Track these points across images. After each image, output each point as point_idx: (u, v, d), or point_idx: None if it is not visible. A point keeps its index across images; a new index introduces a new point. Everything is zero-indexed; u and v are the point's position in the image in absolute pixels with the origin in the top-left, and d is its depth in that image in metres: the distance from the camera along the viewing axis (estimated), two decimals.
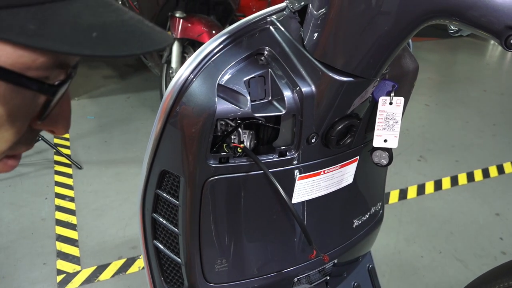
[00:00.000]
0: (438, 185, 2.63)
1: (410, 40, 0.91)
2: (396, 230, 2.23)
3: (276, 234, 0.86)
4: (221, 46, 0.73)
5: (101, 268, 1.92)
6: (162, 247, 0.89)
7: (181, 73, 0.71)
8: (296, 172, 0.80)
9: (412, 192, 2.55)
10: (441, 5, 0.57)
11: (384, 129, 0.79)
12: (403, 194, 2.52)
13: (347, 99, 0.74)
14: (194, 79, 0.71)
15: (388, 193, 2.50)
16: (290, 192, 0.82)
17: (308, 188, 0.83)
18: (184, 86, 0.71)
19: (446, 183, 2.65)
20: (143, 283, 1.89)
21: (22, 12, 0.35)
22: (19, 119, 0.42)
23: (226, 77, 0.70)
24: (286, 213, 0.83)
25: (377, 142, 0.80)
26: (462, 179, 2.70)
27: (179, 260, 0.85)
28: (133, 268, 1.94)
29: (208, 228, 0.80)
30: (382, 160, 0.82)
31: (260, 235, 0.85)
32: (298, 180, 0.81)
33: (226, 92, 0.70)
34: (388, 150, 0.81)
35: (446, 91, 4.18)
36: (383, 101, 0.78)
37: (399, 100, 0.78)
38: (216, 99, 0.68)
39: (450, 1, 0.56)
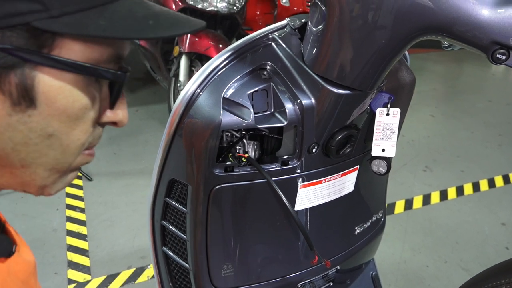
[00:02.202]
0: (443, 195, 2.65)
1: (407, 54, 0.95)
2: (402, 240, 2.25)
3: (280, 240, 0.90)
4: (226, 61, 0.78)
5: (111, 278, 1.96)
6: (171, 253, 0.92)
7: (189, 88, 0.76)
8: (299, 180, 0.84)
9: (417, 202, 2.57)
10: (429, 22, 0.61)
11: (382, 139, 0.83)
12: (408, 204, 2.54)
13: (346, 111, 0.78)
14: (200, 93, 0.75)
15: (394, 203, 2.52)
16: (293, 199, 0.86)
17: (310, 196, 0.87)
18: (192, 100, 0.75)
19: (451, 193, 2.67)
20: None
21: (91, 13, 0.44)
22: (94, 109, 0.49)
23: (231, 90, 0.75)
24: (289, 220, 0.87)
25: (375, 151, 0.84)
26: (468, 189, 2.72)
27: (187, 265, 0.89)
28: (142, 278, 1.97)
29: (215, 234, 0.84)
30: (381, 169, 0.86)
31: (264, 241, 0.89)
32: (300, 188, 0.85)
33: (230, 105, 0.74)
34: (387, 159, 0.85)
35: (451, 102, 4.20)
36: (380, 112, 0.82)
37: (396, 111, 0.81)
38: (221, 111, 0.73)
39: (437, 18, 0.60)
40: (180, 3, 2.87)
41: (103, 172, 2.76)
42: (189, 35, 2.92)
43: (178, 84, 3.03)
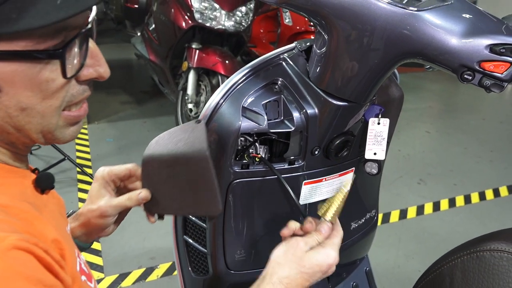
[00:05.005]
0: (436, 206, 2.79)
1: (397, 73, 1.11)
2: (396, 247, 2.38)
3: None
4: (244, 77, 0.93)
5: (122, 276, 2.09)
6: (191, 241, 1.07)
7: (213, 99, 0.92)
8: (302, 178, 0.99)
9: (412, 212, 2.71)
10: (410, 48, 0.77)
11: (374, 144, 0.98)
12: (403, 214, 2.68)
13: (343, 119, 0.93)
14: (223, 103, 0.91)
15: (389, 213, 2.66)
16: (297, 195, 1.00)
17: (312, 192, 1.02)
18: (216, 108, 0.91)
19: (444, 204, 2.81)
20: None
21: (7, 6, 0.47)
22: (59, 77, 0.55)
23: (249, 101, 0.90)
24: (294, 211, 1.01)
25: (368, 154, 0.99)
26: (460, 201, 2.86)
27: (205, 250, 1.03)
28: (152, 277, 2.10)
29: (231, 222, 0.98)
30: (373, 170, 1.00)
31: (273, 229, 1.03)
32: (304, 185, 1.00)
33: (248, 112, 0.90)
34: (378, 161, 1.00)
35: (446, 119, 4.37)
36: (372, 121, 0.97)
37: (385, 121, 0.97)
38: (241, 117, 0.88)
39: (416, 45, 0.76)
40: (189, 21, 3.04)
41: None
42: (197, 52, 3.09)
43: (186, 97, 3.19)
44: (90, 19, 0.58)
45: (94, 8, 0.58)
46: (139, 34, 4.10)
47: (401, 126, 3.82)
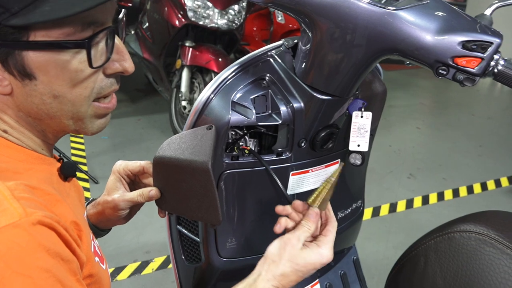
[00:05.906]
0: (425, 200, 2.85)
1: (381, 69, 1.16)
2: (385, 239, 2.44)
3: (274, 218, 1.09)
4: (234, 73, 0.98)
5: (118, 270, 2.14)
6: (184, 230, 1.11)
7: (204, 94, 0.96)
8: (290, 169, 1.04)
9: (401, 206, 2.77)
10: (388, 44, 0.82)
11: (357, 136, 1.03)
12: (393, 208, 2.74)
13: (328, 113, 0.98)
14: (214, 97, 0.96)
15: (379, 207, 2.72)
16: (285, 185, 1.05)
17: (299, 182, 1.07)
18: (206, 103, 0.95)
19: (433, 198, 2.88)
20: (157, 283, 2.10)
21: (40, 1, 0.53)
22: (89, 69, 0.60)
23: (238, 95, 0.95)
24: (282, 201, 1.06)
25: (352, 146, 1.04)
26: (448, 195, 2.93)
27: (198, 239, 1.08)
28: (147, 270, 2.15)
29: (222, 212, 1.03)
30: (357, 161, 1.06)
31: (262, 219, 1.08)
32: (291, 176, 1.05)
33: (237, 106, 0.94)
34: (361, 153, 1.05)
35: (437, 115, 4.44)
36: (356, 115, 1.02)
37: (368, 114, 1.02)
38: (230, 111, 0.93)
39: (393, 42, 0.81)
40: (183, 20, 3.08)
41: (108, 175, 2.91)
42: (191, 50, 3.13)
43: (180, 95, 3.23)
44: (120, 17, 0.65)
45: (123, 10, 0.65)
46: (132, 32, 4.13)
47: (392, 122, 3.88)
